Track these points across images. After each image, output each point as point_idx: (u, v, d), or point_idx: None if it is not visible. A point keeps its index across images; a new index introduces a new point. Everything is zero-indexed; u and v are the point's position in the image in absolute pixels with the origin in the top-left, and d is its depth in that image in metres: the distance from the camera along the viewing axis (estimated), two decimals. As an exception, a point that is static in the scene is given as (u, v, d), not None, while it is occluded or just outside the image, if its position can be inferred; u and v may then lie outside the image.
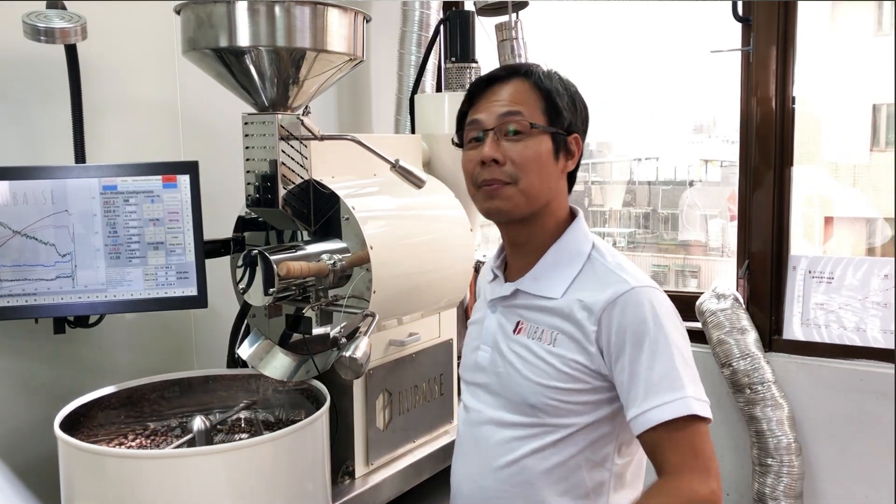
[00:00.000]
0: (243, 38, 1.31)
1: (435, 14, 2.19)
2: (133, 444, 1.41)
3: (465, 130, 1.22)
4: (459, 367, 1.39)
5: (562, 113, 1.17)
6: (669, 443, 1.05)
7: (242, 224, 1.57)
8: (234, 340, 1.60)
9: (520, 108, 1.16)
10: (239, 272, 1.34)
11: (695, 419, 1.04)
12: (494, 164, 1.15)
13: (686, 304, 2.18)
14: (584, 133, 1.23)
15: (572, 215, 1.25)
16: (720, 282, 2.17)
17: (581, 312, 1.13)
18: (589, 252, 1.19)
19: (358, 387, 1.46)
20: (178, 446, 1.38)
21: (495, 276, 1.29)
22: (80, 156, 1.57)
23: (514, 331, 1.21)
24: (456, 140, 1.28)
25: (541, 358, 1.16)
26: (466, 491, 1.27)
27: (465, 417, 1.29)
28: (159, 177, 1.49)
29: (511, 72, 1.21)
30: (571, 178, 1.26)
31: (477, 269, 1.93)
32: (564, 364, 1.14)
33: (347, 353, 1.25)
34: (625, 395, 1.09)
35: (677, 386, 1.06)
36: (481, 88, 1.21)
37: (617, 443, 1.17)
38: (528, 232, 1.22)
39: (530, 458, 1.16)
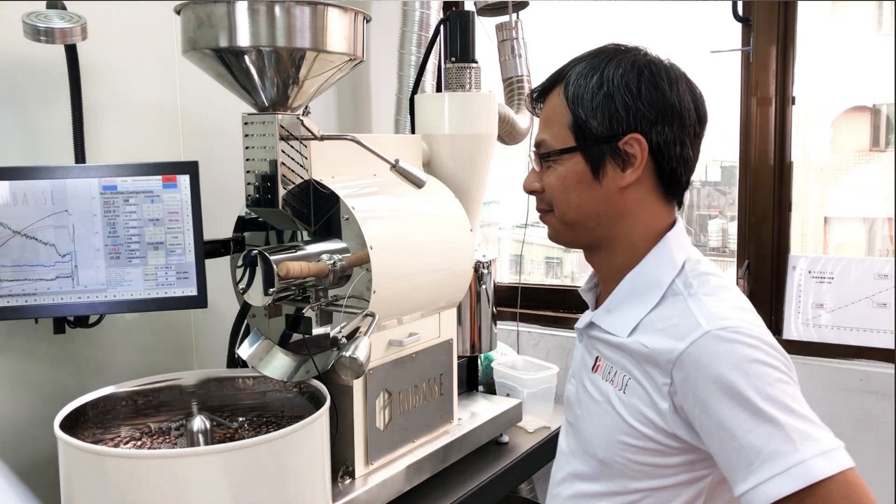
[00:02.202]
0: (243, 38, 1.31)
1: (435, 14, 2.19)
2: (133, 444, 1.41)
3: None
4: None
5: (587, 123, 1.01)
6: None
7: (242, 224, 1.57)
8: (234, 340, 1.60)
9: (545, 133, 1.06)
10: (239, 272, 1.34)
11: (831, 480, 0.85)
12: (534, 192, 1.09)
13: (686, 304, 2.18)
14: (659, 124, 1.00)
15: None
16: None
17: (650, 359, 0.96)
18: (670, 281, 1.01)
19: (358, 387, 1.46)
20: (178, 446, 1.38)
21: (588, 291, 1.18)
22: (80, 156, 1.57)
23: (593, 368, 1.07)
24: None
25: (612, 405, 1.01)
26: None
27: (558, 444, 1.19)
28: (159, 177, 1.49)
29: (551, 81, 1.07)
30: (670, 182, 1.04)
31: (477, 270, 1.93)
32: (634, 417, 0.97)
33: (347, 353, 1.25)
34: (723, 465, 0.90)
35: (788, 449, 0.84)
36: (536, 104, 1.11)
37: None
38: (598, 259, 1.10)
39: None
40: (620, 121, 1.00)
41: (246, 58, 1.34)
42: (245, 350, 1.50)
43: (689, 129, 1.03)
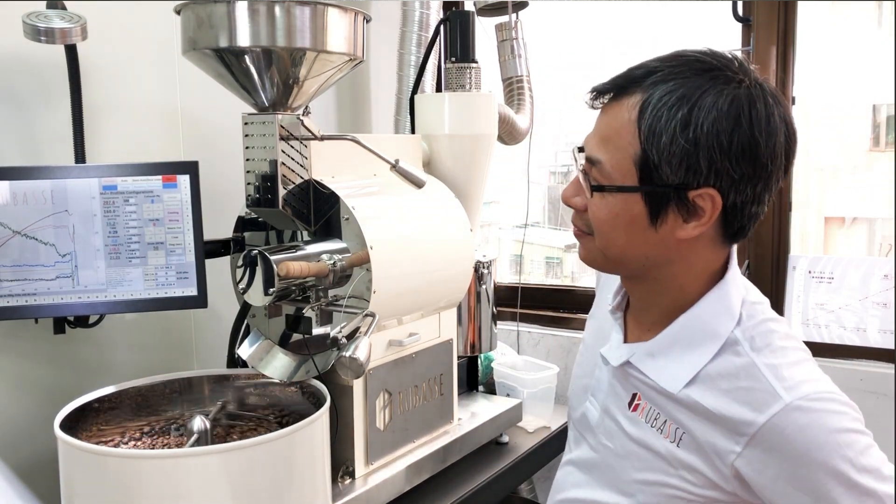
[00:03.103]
0: (243, 38, 1.31)
1: (435, 14, 2.19)
2: (133, 444, 1.41)
3: None
4: (569, 392, 1.18)
5: (659, 167, 0.86)
6: None
7: (242, 224, 1.57)
8: (234, 340, 1.60)
9: (603, 153, 0.89)
10: (239, 272, 1.34)
11: None
12: (575, 208, 0.95)
13: (686, 304, 2.18)
14: (742, 183, 0.86)
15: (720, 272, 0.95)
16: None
17: (716, 421, 0.87)
18: (729, 334, 0.90)
19: (358, 387, 1.46)
20: (178, 446, 1.38)
21: (614, 311, 1.05)
22: (80, 156, 1.57)
23: (630, 406, 0.97)
24: None
25: (659, 455, 0.92)
26: None
27: (564, 458, 1.13)
28: (159, 177, 1.49)
29: (625, 84, 0.90)
30: (736, 234, 0.92)
31: (477, 270, 1.93)
32: (691, 473, 0.90)
33: (347, 353, 1.25)
34: None
35: None
36: (600, 98, 0.94)
37: None
38: (638, 289, 0.99)
39: None
40: (699, 174, 0.85)
41: (246, 58, 1.34)
42: (245, 350, 1.50)
43: (772, 186, 0.89)
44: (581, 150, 0.94)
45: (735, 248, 0.97)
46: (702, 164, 0.84)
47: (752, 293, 0.97)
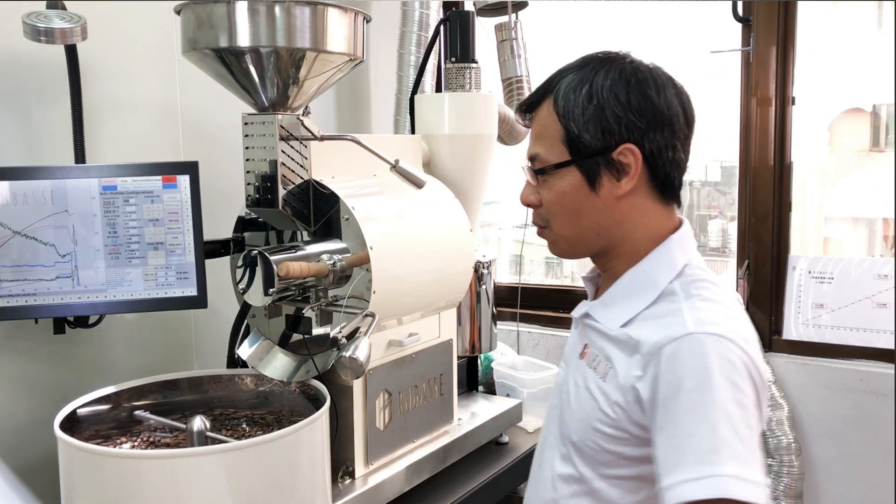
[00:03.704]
0: (243, 39, 1.31)
1: (435, 14, 2.19)
2: (133, 444, 1.41)
3: None
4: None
5: (580, 137, 1.02)
6: None
7: (242, 224, 1.57)
8: (234, 340, 1.60)
9: (538, 147, 1.06)
10: (239, 272, 1.34)
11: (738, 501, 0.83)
12: (530, 205, 1.09)
13: (686, 304, 2.18)
14: (650, 132, 1.01)
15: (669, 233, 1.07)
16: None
17: (631, 349, 0.98)
18: (668, 282, 1.02)
19: (358, 387, 1.46)
20: (177, 446, 1.38)
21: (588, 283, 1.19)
22: (79, 156, 1.57)
23: (581, 354, 1.10)
24: None
25: (589, 391, 1.03)
26: None
27: (540, 431, 1.21)
28: (159, 177, 1.49)
29: (540, 94, 1.07)
30: (665, 186, 1.05)
31: (477, 270, 1.93)
32: (609, 405, 0.99)
33: (347, 354, 1.25)
34: (657, 457, 0.91)
35: (714, 460, 0.85)
36: (526, 116, 1.11)
37: None
38: (601, 262, 1.11)
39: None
40: (613, 132, 1.01)
41: (246, 58, 1.34)
42: (245, 350, 1.50)
43: (679, 133, 1.04)
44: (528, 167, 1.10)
45: (686, 221, 1.09)
46: (612, 123, 1.01)
47: (700, 262, 1.07)
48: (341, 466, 1.47)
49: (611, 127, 1.01)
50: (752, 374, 0.92)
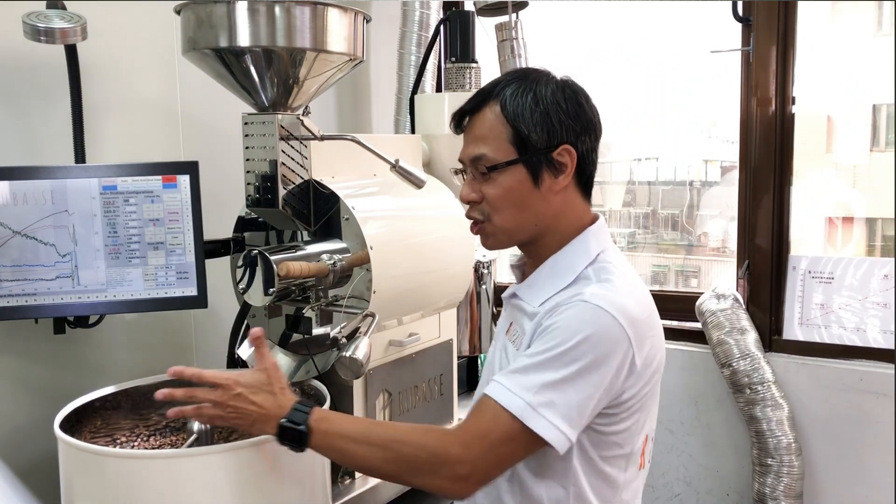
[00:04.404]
0: (243, 38, 1.31)
1: (435, 14, 2.19)
2: (133, 444, 1.41)
3: None
4: None
5: (529, 137, 1.13)
6: (477, 408, 1.06)
7: (242, 224, 1.57)
8: (234, 340, 1.60)
9: (484, 148, 1.15)
10: (239, 272, 1.34)
11: (511, 418, 1.01)
12: (471, 202, 1.18)
13: (686, 304, 2.18)
14: (582, 135, 1.16)
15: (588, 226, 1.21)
16: (720, 282, 2.18)
17: (539, 317, 1.13)
18: (583, 268, 1.15)
19: (358, 387, 1.46)
20: (178, 446, 1.38)
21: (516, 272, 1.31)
22: (80, 156, 1.57)
23: (506, 331, 1.24)
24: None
25: (508, 361, 1.16)
26: None
27: None
28: (159, 177, 1.49)
29: (483, 98, 1.18)
30: (588, 183, 1.21)
31: (477, 270, 1.93)
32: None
33: (347, 353, 1.25)
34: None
35: (528, 386, 1.03)
36: (458, 121, 1.21)
37: (573, 465, 1.12)
38: (530, 249, 1.22)
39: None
40: (555, 134, 1.14)
41: (246, 58, 1.34)
42: (245, 350, 1.50)
43: (598, 139, 1.20)
44: (460, 170, 1.21)
45: (601, 216, 1.23)
46: (555, 125, 1.13)
47: (613, 249, 1.20)
48: (341, 466, 1.47)
49: (554, 129, 1.14)
50: (617, 347, 1.05)
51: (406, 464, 1.05)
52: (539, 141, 1.13)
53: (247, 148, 1.41)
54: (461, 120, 1.20)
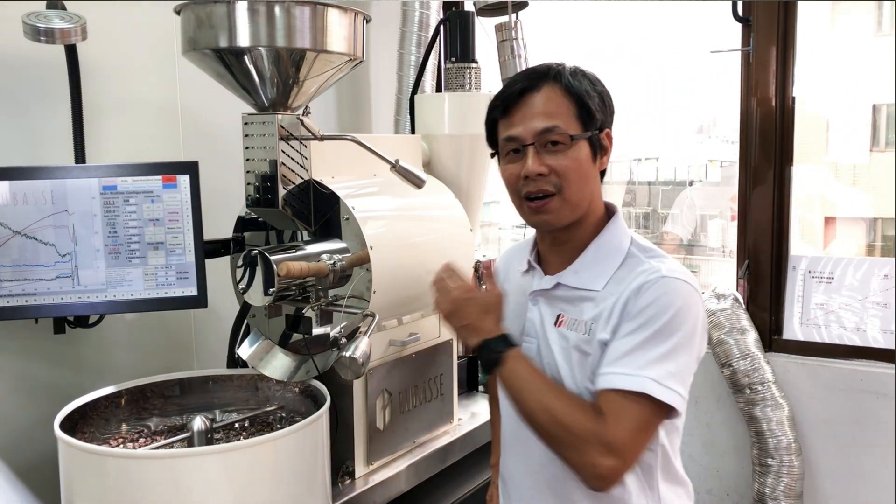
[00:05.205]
0: (243, 39, 1.31)
1: (435, 14, 2.19)
2: (133, 444, 1.41)
3: (502, 144, 1.22)
4: None
5: (594, 115, 1.18)
6: (605, 405, 1.08)
7: (242, 224, 1.57)
8: (234, 340, 1.60)
9: (555, 121, 1.17)
10: (239, 272, 1.34)
11: (642, 397, 1.06)
12: (539, 176, 1.18)
13: (686, 304, 2.18)
14: (610, 123, 1.23)
15: (609, 211, 1.26)
16: (720, 282, 2.18)
17: (616, 302, 1.15)
18: (628, 247, 1.21)
19: (358, 387, 1.46)
20: (177, 446, 1.38)
21: (529, 268, 1.31)
22: (80, 156, 1.57)
23: (556, 323, 1.23)
24: (490, 149, 1.28)
25: (578, 349, 1.18)
26: (517, 487, 1.29)
27: (512, 408, 1.27)
28: (159, 177, 1.49)
29: (540, 77, 1.20)
30: (602, 172, 1.27)
31: (477, 270, 1.93)
32: (595, 353, 1.15)
33: (347, 353, 1.25)
34: (605, 355, 1.12)
35: (644, 364, 1.08)
36: (514, 100, 1.21)
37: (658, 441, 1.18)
38: (570, 233, 1.24)
39: None
40: (607, 115, 1.21)
41: (246, 58, 1.34)
42: (245, 350, 1.50)
43: None
44: (509, 148, 1.21)
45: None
46: (607, 108, 1.21)
47: (638, 236, 1.26)
48: (341, 466, 1.47)
49: (606, 111, 1.21)
50: (701, 315, 1.15)
51: (565, 435, 1.08)
52: (599, 119, 1.19)
53: (247, 148, 1.41)
54: (518, 97, 1.21)
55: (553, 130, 1.17)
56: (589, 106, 1.18)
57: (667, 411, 1.09)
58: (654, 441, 1.17)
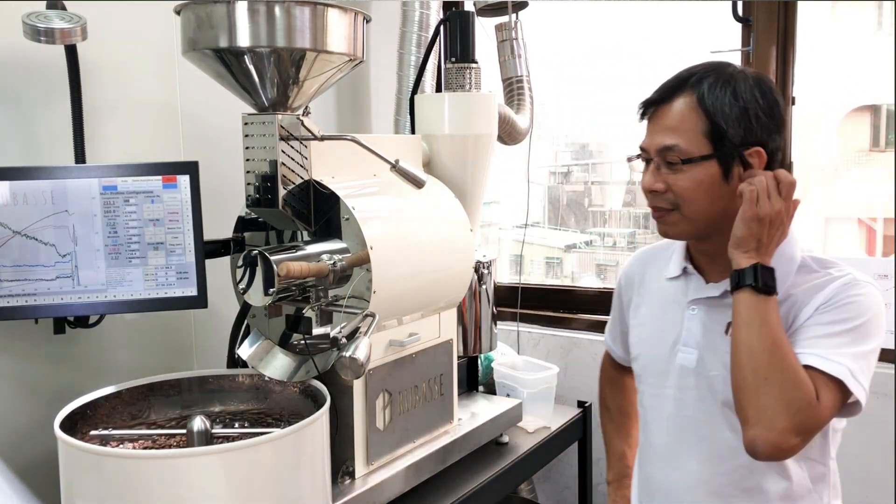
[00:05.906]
0: (243, 39, 1.31)
1: (435, 14, 2.19)
2: (133, 444, 1.41)
3: (640, 150, 1.23)
4: (636, 366, 1.40)
5: (725, 134, 1.14)
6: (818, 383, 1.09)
7: (242, 224, 1.57)
8: (234, 340, 1.60)
9: (676, 139, 1.15)
10: (239, 272, 1.34)
11: (839, 386, 1.08)
12: (654, 192, 1.18)
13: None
14: (774, 133, 1.17)
15: None
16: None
17: (798, 308, 1.15)
18: (801, 257, 1.20)
19: (358, 387, 1.46)
20: (177, 446, 1.38)
21: (682, 275, 1.29)
22: (80, 156, 1.57)
23: (728, 332, 1.20)
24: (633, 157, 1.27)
25: None
26: (688, 493, 1.27)
27: (670, 421, 1.28)
28: (159, 177, 1.49)
29: (677, 87, 1.18)
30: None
31: (477, 270, 1.93)
32: None
33: (347, 354, 1.25)
34: (797, 340, 1.12)
35: (845, 354, 1.09)
36: (649, 109, 1.20)
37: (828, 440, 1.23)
38: (709, 243, 1.23)
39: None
40: (752, 131, 1.15)
41: (246, 58, 1.34)
42: (245, 350, 1.50)
43: (784, 138, 1.21)
44: (639, 156, 1.22)
45: None
46: (752, 123, 1.14)
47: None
48: (341, 466, 1.47)
49: (752, 127, 1.14)
50: (883, 314, 1.16)
51: (790, 392, 1.07)
52: (735, 137, 1.14)
53: (247, 148, 1.41)
54: (647, 109, 1.20)
55: (672, 150, 1.15)
56: (719, 123, 1.13)
57: (847, 403, 1.11)
58: (824, 455, 1.23)
